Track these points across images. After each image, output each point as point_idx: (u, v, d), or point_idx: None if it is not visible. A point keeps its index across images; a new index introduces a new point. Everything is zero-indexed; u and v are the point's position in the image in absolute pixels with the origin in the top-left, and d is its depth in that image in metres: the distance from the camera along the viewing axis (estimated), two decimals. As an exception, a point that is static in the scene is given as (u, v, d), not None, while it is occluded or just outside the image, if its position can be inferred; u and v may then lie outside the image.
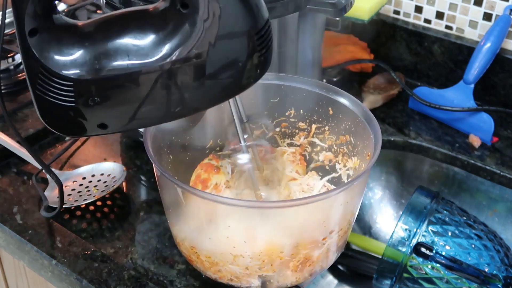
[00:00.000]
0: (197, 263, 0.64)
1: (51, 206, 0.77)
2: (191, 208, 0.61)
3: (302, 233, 0.60)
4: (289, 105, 0.73)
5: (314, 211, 0.59)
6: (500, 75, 0.98)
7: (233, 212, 0.59)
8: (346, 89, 1.07)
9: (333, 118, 0.71)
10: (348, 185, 0.59)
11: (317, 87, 0.71)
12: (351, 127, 0.69)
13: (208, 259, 0.62)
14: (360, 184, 0.62)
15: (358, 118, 0.67)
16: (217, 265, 0.62)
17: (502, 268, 0.70)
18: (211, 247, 0.61)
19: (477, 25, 1.00)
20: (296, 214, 0.59)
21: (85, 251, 0.71)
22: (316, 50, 0.86)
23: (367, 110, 0.67)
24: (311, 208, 0.58)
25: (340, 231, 0.62)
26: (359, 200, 0.65)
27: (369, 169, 0.60)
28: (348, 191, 0.60)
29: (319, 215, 0.59)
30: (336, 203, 0.60)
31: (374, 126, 0.65)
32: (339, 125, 0.71)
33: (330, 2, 0.75)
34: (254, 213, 0.59)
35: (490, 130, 0.92)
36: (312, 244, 0.60)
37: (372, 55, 1.08)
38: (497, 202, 0.91)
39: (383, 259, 0.71)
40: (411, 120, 0.99)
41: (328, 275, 0.92)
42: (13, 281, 0.91)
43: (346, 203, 0.61)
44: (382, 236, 0.97)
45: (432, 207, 0.73)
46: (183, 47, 0.50)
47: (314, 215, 0.59)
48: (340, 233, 0.63)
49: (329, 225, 0.60)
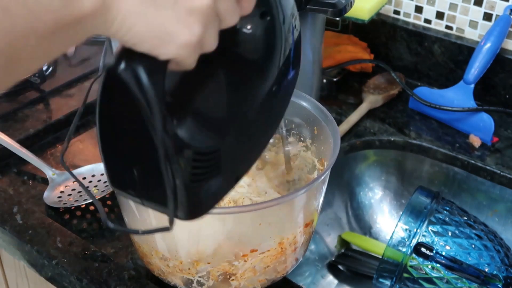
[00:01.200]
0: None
1: (51, 206, 0.77)
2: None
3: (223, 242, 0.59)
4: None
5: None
6: (500, 75, 0.98)
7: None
8: (346, 89, 1.07)
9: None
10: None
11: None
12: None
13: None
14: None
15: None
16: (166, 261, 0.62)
17: (502, 268, 0.70)
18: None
19: (477, 25, 1.00)
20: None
21: (85, 251, 0.70)
22: (316, 50, 0.86)
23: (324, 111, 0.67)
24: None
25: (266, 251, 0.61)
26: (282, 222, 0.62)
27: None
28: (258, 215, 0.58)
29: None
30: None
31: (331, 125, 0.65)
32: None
33: (330, 2, 0.75)
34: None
35: (490, 130, 0.92)
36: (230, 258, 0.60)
37: (372, 55, 1.08)
38: (497, 202, 0.91)
39: (383, 259, 0.71)
40: (411, 120, 0.99)
41: (328, 275, 0.92)
42: (13, 281, 0.91)
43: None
44: (382, 236, 0.97)
45: (432, 207, 0.73)
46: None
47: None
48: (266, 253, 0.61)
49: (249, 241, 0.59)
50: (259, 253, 0.59)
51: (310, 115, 0.69)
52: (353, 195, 0.98)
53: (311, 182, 0.58)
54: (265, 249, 0.59)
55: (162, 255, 0.61)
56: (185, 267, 0.60)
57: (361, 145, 0.95)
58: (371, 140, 0.95)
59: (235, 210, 0.60)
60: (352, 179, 0.98)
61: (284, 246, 0.60)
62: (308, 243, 0.66)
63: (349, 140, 0.94)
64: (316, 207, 0.63)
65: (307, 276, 0.90)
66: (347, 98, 1.03)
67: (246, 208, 0.60)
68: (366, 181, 0.99)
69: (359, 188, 0.99)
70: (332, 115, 0.68)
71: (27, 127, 0.90)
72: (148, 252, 0.63)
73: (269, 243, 0.59)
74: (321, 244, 0.94)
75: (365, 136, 0.95)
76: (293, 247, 0.62)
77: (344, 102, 1.02)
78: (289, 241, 0.61)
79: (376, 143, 0.96)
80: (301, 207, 0.61)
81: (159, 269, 0.64)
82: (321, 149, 0.69)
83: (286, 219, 0.60)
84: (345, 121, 0.95)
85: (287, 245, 0.61)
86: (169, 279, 0.64)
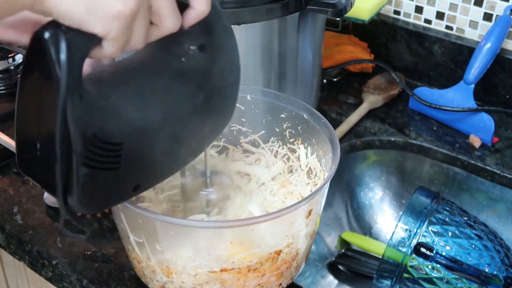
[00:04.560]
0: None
1: (52, 206, 0.77)
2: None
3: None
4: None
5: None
6: (501, 75, 0.98)
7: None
8: (346, 89, 1.07)
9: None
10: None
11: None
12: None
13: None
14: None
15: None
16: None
17: (502, 269, 0.70)
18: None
19: (477, 25, 1.00)
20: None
21: (86, 251, 0.70)
22: (316, 50, 0.86)
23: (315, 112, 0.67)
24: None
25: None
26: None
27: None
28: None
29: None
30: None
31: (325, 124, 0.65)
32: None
33: (330, 2, 0.75)
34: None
35: (491, 130, 0.92)
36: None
37: (373, 55, 1.08)
38: (497, 202, 0.91)
39: (383, 259, 0.71)
40: (412, 120, 0.99)
41: (329, 275, 0.92)
42: (14, 281, 0.91)
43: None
44: (382, 236, 0.97)
45: (432, 207, 0.73)
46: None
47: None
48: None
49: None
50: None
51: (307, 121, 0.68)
52: (353, 195, 0.98)
53: (313, 192, 0.57)
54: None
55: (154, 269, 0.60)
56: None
57: (361, 145, 0.95)
58: (371, 140, 0.95)
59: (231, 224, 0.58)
60: (352, 179, 0.98)
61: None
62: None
63: (349, 140, 0.94)
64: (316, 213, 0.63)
65: (307, 276, 0.90)
66: (347, 98, 1.03)
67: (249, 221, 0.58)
68: (366, 181, 0.99)
69: (359, 188, 0.99)
70: (332, 115, 0.68)
71: (27, 127, 0.90)
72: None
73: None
74: (321, 244, 0.94)
75: (365, 136, 0.95)
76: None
77: (344, 102, 1.02)
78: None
79: (376, 143, 0.96)
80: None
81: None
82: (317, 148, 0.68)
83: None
84: (345, 121, 0.95)
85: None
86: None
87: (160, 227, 0.56)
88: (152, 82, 0.50)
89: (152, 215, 0.55)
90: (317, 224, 0.65)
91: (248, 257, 0.57)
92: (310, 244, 0.64)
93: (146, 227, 0.57)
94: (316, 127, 0.66)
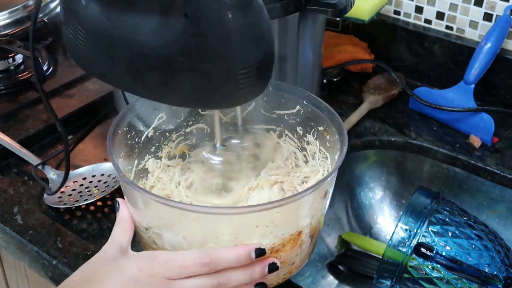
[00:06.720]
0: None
1: (52, 206, 0.77)
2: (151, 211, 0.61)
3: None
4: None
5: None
6: (501, 76, 0.98)
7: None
8: (346, 89, 1.07)
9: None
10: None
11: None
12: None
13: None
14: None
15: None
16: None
17: (502, 269, 0.70)
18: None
19: (477, 26, 1.00)
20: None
21: (86, 251, 0.71)
22: (316, 50, 0.86)
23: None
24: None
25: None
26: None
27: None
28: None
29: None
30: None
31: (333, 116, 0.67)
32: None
33: (330, 3, 0.75)
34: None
35: (491, 130, 0.92)
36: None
37: (373, 56, 1.08)
38: (497, 202, 0.91)
39: (383, 259, 0.71)
40: (412, 120, 0.99)
41: (329, 275, 0.92)
42: (14, 281, 0.91)
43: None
44: (382, 237, 0.97)
45: (432, 207, 0.73)
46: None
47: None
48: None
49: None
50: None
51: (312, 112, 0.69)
52: (353, 195, 0.98)
53: (318, 182, 0.58)
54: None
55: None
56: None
57: (362, 145, 0.95)
58: (371, 140, 0.95)
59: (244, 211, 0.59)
60: (352, 179, 0.98)
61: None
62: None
63: (349, 140, 0.94)
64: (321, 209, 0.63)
65: (308, 276, 0.90)
66: (347, 98, 1.03)
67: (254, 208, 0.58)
68: (367, 181, 0.99)
69: (360, 188, 0.99)
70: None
71: (27, 127, 0.90)
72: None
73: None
74: (322, 244, 0.94)
75: (365, 136, 0.95)
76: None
77: (344, 102, 1.02)
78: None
79: (376, 143, 0.96)
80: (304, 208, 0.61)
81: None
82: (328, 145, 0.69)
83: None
84: (345, 121, 0.95)
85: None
86: None
87: (188, 217, 0.57)
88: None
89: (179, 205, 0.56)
90: (321, 224, 0.66)
91: (272, 240, 0.58)
92: (319, 229, 0.66)
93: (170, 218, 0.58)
94: (318, 112, 0.69)
